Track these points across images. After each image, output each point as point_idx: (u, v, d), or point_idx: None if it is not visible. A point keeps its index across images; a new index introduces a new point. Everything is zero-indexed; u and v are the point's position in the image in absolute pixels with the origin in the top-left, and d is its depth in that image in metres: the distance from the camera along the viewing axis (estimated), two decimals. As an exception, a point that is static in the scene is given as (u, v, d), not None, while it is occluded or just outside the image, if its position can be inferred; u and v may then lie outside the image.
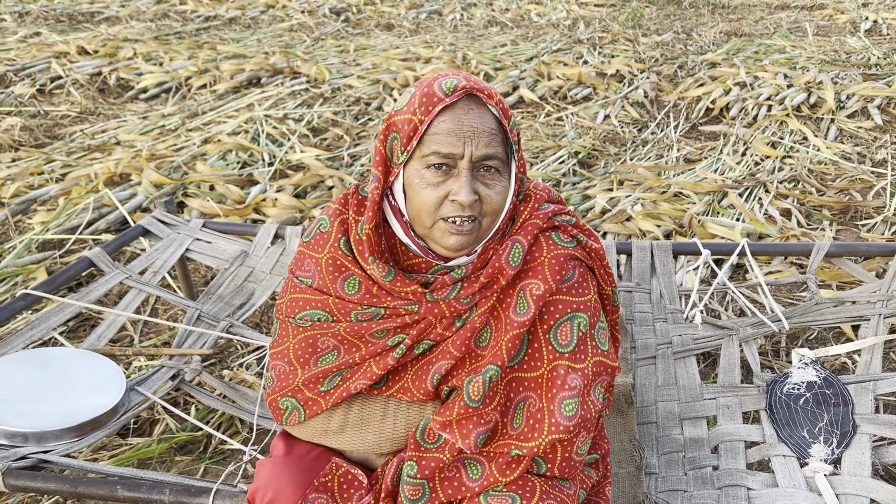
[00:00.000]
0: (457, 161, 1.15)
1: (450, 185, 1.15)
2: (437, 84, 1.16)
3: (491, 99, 1.17)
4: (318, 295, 1.29)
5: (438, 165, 1.15)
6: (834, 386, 1.75)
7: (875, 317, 1.94)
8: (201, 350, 2.03)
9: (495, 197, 1.18)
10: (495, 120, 1.17)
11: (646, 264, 2.24)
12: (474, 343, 1.25)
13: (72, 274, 2.18)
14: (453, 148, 1.13)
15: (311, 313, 1.30)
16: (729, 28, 7.49)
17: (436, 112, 1.14)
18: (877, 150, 4.27)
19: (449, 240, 1.17)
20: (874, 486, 1.48)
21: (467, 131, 1.14)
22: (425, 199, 1.16)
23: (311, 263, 1.31)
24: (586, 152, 4.33)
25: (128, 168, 4.00)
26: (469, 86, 1.15)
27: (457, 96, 1.14)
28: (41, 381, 1.82)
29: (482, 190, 1.16)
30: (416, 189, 1.17)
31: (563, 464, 1.23)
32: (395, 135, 1.18)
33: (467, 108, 1.15)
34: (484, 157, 1.15)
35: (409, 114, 1.16)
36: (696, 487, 1.58)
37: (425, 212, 1.17)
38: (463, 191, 1.13)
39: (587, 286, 1.27)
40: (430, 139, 1.15)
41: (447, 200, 1.15)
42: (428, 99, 1.15)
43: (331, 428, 1.31)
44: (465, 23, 8.32)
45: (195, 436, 2.28)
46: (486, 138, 1.15)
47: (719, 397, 1.82)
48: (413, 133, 1.15)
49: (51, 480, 1.48)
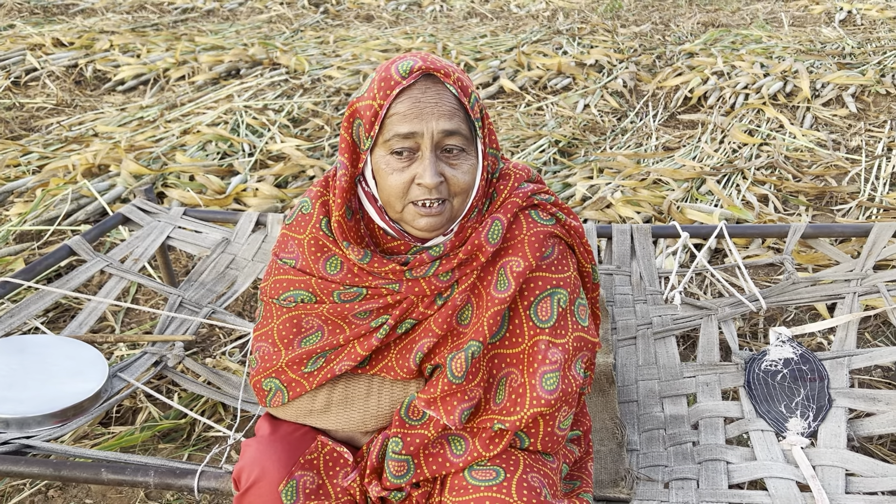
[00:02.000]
0: (419, 143, 1.15)
1: (415, 169, 1.16)
2: (394, 67, 1.16)
3: (448, 77, 1.17)
4: (301, 275, 1.30)
5: (400, 151, 1.16)
6: (810, 362, 1.78)
7: (849, 295, 1.98)
8: (184, 336, 2.02)
9: (462, 177, 1.18)
10: (454, 98, 1.18)
11: (626, 247, 2.27)
12: (456, 321, 1.26)
13: (51, 262, 2.16)
14: (412, 127, 1.14)
15: (295, 294, 1.31)
16: (706, 19, 7.55)
17: (393, 95, 1.15)
18: (851, 137, 4.34)
19: (420, 222, 1.19)
20: (849, 457, 1.51)
21: (425, 109, 1.15)
22: (392, 185, 1.18)
23: (293, 245, 1.32)
24: (566, 141, 4.35)
25: (106, 159, 3.96)
26: (425, 66, 1.16)
27: (413, 78, 1.15)
28: (22, 367, 1.80)
29: (447, 171, 1.17)
30: (383, 175, 1.18)
31: (545, 438, 1.25)
32: (360, 121, 1.19)
33: (424, 88, 1.16)
34: (444, 133, 1.15)
35: (370, 99, 1.17)
36: (676, 462, 1.61)
37: (394, 197, 1.18)
38: (427, 173, 1.14)
39: (567, 263, 1.29)
40: (390, 122, 1.16)
41: (413, 184, 1.17)
42: (385, 83, 1.16)
43: (315, 408, 1.32)
44: (445, 14, 8.31)
45: (178, 423, 2.28)
46: (446, 115, 1.15)
47: (699, 375, 1.85)
48: (374, 118, 1.16)
49: (34, 465, 1.48)
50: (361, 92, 1.20)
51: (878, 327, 2.60)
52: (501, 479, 1.18)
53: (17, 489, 2.10)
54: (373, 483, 1.26)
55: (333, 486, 1.30)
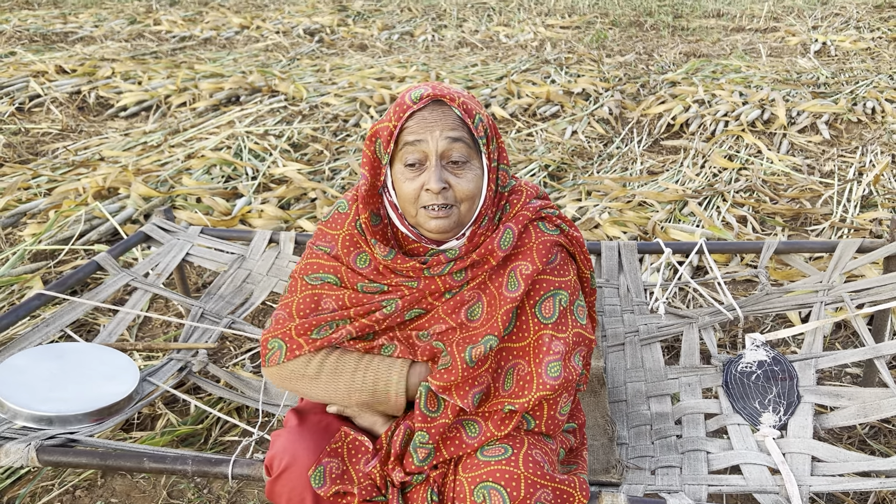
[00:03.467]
0: (426, 154, 1.35)
1: (424, 178, 1.36)
2: (407, 95, 1.38)
3: (453, 101, 1.37)
4: (332, 262, 1.48)
5: (412, 163, 1.36)
6: (781, 363, 1.97)
7: (817, 304, 2.17)
8: (207, 344, 2.18)
9: (465, 185, 1.38)
10: (457, 117, 1.37)
11: (614, 262, 2.45)
12: (466, 317, 1.44)
13: (81, 276, 2.32)
14: (418, 136, 1.35)
15: (324, 276, 1.48)
16: (688, 49, 7.85)
17: (406, 117, 1.36)
18: (824, 162, 4.58)
19: (430, 223, 1.38)
20: (815, 445, 1.69)
21: (430, 125, 1.35)
22: (406, 192, 1.38)
23: (329, 238, 1.50)
24: (556, 165, 4.57)
25: (116, 182, 4.13)
26: (433, 93, 1.37)
27: (423, 103, 1.36)
28: (61, 371, 1.96)
29: (452, 179, 1.37)
30: (399, 184, 1.39)
31: (548, 421, 1.42)
32: (380, 140, 1.40)
33: (431, 109, 1.37)
34: (447, 143, 1.35)
35: (387, 121, 1.38)
36: (662, 453, 1.78)
37: (408, 202, 1.39)
38: (432, 179, 1.34)
39: (568, 268, 1.48)
40: (402, 136, 1.37)
41: (423, 191, 1.36)
42: (400, 108, 1.37)
43: (307, 373, 1.45)
44: (437, 43, 8.57)
45: (196, 429, 2.43)
46: (448, 130, 1.36)
47: (681, 377, 2.03)
48: (390, 137, 1.37)
49: (82, 455, 1.62)
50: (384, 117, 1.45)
51: (848, 338, 2.80)
52: (509, 454, 1.35)
53: (46, 490, 2.24)
54: (396, 469, 1.41)
55: (356, 472, 1.44)
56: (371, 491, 1.42)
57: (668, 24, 9.47)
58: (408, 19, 10.12)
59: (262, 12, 10.45)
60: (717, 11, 10.34)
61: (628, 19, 9.82)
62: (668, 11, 10.40)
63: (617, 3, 11.19)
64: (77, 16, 10.25)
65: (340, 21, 9.79)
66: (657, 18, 9.86)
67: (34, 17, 9.98)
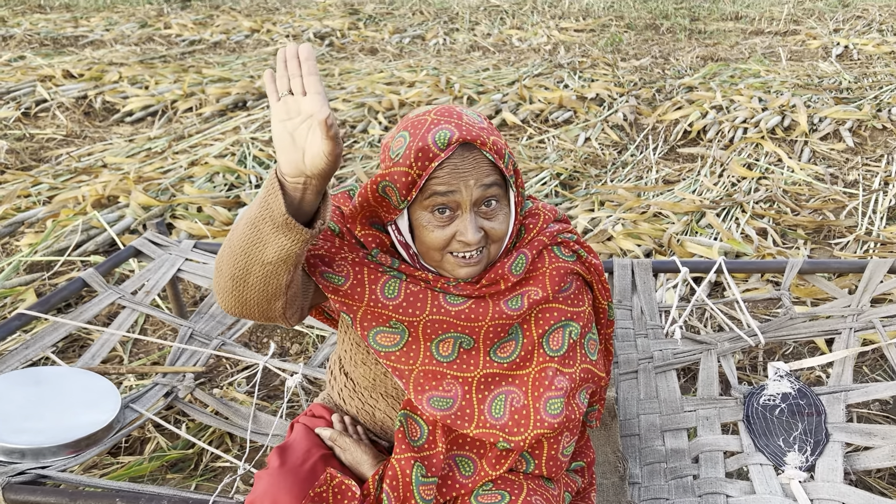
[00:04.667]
0: (458, 203, 1.20)
1: (456, 226, 1.21)
2: (431, 137, 1.18)
3: (485, 146, 1.20)
4: (338, 215, 1.34)
5: (442, 209, 1.20)
6: (808, 397, 1.82)
7: (846, 330, 2.02)
8: (194, 368, 2.07)
9: (499, 227, 1.24)
10: (490, 163, 1.22)
11: (627, 282, 2.31)
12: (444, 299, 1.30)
13: (65, 294, 2.21)
14: (450, 187, 1.18)
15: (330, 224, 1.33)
16: (705, 53, 7.69)
17: (433, 168, 1.18)
18: (848, 171, 4.41)
19: (460, 271, 1.24)
20: (846, 490, 1.55)
21: (463, 174, 1.19)
22: (434, 239, 1.22)
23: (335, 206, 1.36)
24: (568, 174, 4.43)
25: (115, 190, 4.03)
26: (461, 136, 1.19)
27: (452, 150, 1.18)
28: (38, 398, 1.85)
29: (486, 224, 1.22)
30: (425, 231, 1.23)
31: (549, 462, 1.29)
32: (391, 185, 1.21)
33: (462, 157, 1.19)
34: (482, 189, 1.20)
35: (406, 167, 1.18)
36: (677, 496, 1.64)
37: (434, 249, 1.24)
38: (469, 231, 1.19)
39: (582, 298, 1.35)
40: (429, 185, 1.20)
41: (454, 240, 1.22)
42: (423, 154, 1.18)
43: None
44: (448, 47, 8.46)
45: (186, 454, 2.31)
46: (483, 181, 1.20)
47: (699, 409, 1.89)
48: (412, 185, 1.19)
49: (50, 494, 1.51)
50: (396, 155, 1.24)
51: (877, 360, 2.64)
52: (507, 501, 1.22)
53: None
54: None
55: (342, 521, 1.33)
56: (358, 540, 1.30)
57: (684, 27, 9.30)
58: (419, 23, 10.01)
59: (272, 16, 10.39)
60: (735, 14, 10.15)
61: (644, 22, 9.66)
62: (685, 14, 10.23)
63: (633, 6, 11.03)
64: (88, 19, 10.23)
65: (351, 24, 9.70)
66: (674, 21, 9.69)
67: (46, 21, 9.98)
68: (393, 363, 1.30)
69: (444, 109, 1.25)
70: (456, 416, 1.29)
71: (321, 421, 1.52)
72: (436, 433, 1.31)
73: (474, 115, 1.27)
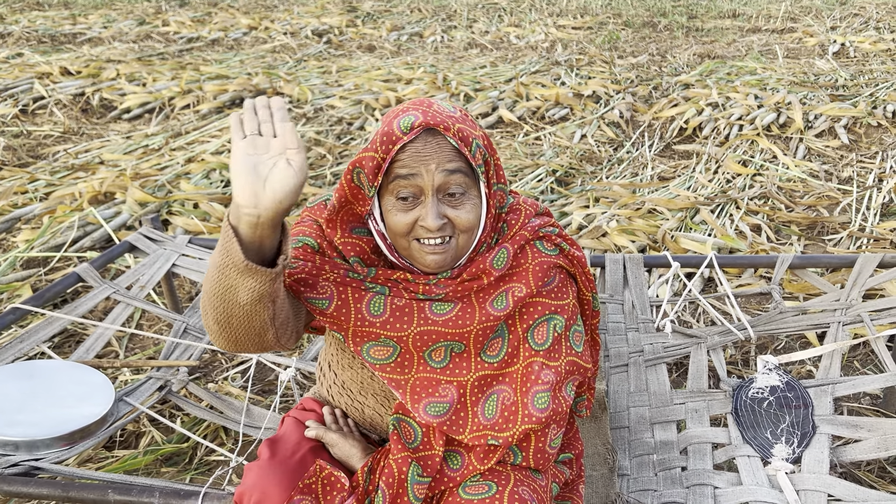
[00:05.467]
0: (421, 188, 1.21)
1: (418, 212, 1.22)
2: (395, 123, 1.22)
3: (448, 131, 1.22)
4: (316, 229, 1.34)
5: (405, 197, 1.22)
6: (795, 390, 1.84)
7: (835, 324, 2.04)
8: (187, 362, 2.08)
9: (465, 216, 1.24)
10: (454, 148, 1.23)
11: (618, 276, 2.33)
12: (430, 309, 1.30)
13: (60, 289, 2.23)
14: (411, 170, 1.20)
15: (302, 239, 1.33)
16: (702, 50, 7.70)
17: (395, 150, 1.21)
18: (843, 168, 4.42)
19: (427, 258, 1.25)
20: (832, 482, 1.56)
21: (425, 158, 1.20)
22: (397, 224, 1.24)
23: (311, 222, 1.36)
24: (564, 171, 4.44)
25: (112, 187, 4.05)
26: (425, 121, 1.21)
27: (414, 133, 1.20)
28: (32, 391, 1.86)
29: (450, 212, 1.23)
30: (389, 216, 1.24)
31: (536, 455, 1.31)
32: (361, 171, 1.24)
33: (425, 141, 1.21)
34: (444, 177, 1.21)
35: (372, 152, 1.22)
36: (665, 487, 1.66)
37: (400, 235, 1.25)
38: (429, 216, 1.20)
39: (566, 291, 1.36)
40: (392, 169, 1.22)
41: (417, 225, 1.23)
42: (388, 138, 1.21)
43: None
44: (446, 45, 8.47)
45: (180, 447, 2.33)
46: (445, 162, 1.21)
47: (688, 402, 1.90)
48: (377, 170, 1.22)
49: (43, 485, 1.53)
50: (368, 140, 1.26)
51: (867, 355, 2.66)
52: (494, 492, 1.24)
53: (21, 511, 2.14)
54: None
55: (330, 511, 1.34)
56: (346, 531, 1.31)
57: (682, 24, 9.31)
58: (417, 20, 10.02)
59: (270, 13, 10.40)
60: (732, 11, 10.16)
61: (641, 20, 9.67)
62: (683, 12, 10.24)
63: (630, 4, 11.04)
64: (87, 17, 10.24)
65: (349, 22, 9.71)
66: (671, 19, 9.70)
67: (44, 18, 9.98)
68: (388, 374, 1.32)
69: (417, 100, 1.28)
70: (451, 421, 1.30)
71: (312, 414, 1.53)
72: (431, 435, 1.32)
73: (447, 106, 1.28)
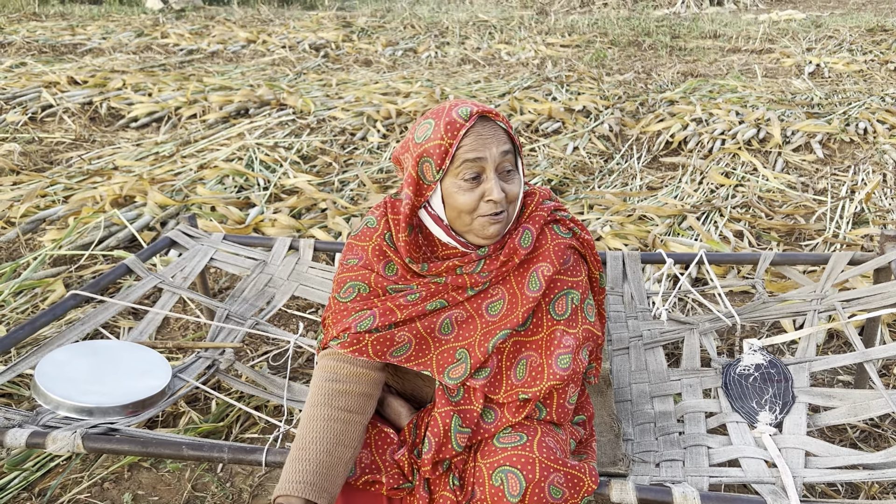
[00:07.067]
0: (484, 168, 1.48)
1: (482, 188, 1.48)
2: (454, 112, 1.48)
3: (497, 117, 1.51)
4: (362, 270, 1.60)
5: (471, 177, 1.48)
6: (777, 367, 2.09)
7: (811, 312, 2.30)
8: (233, 344, 2.30)
9: (515, 189, 1.52)
10: (504, 131, 1.52)
11: (618, 271, 2.58)
12: (486, 311, 1.56)
13: (113, 278, 2.44)
14: (478, 153, 1.47)
15: (354, 284, 1.60)
16: (685, 69, 8.03)
17: (461, 135, 1.47)
18: (818, 180, 4.74)
19: (489, 229, 1.50)
20: (808, 441, 1.82)
21: (487, 141, 1.48)
22: (465, 202, 1.49)
23: (359, 249, 1.62)
24: (558, 180, 4.71)
25: (132, 191, 4.25)
26: (479, 109, 1.49)
27: (473, 120, 1.48)
28: (98, 366, 2.07)
29: (505, 187, 1.50)
30: (456, 196, 1.49)
31: (558, 409, 1.55)
32: (428, 159, 1.49)
33: (483, 125, 1.49)
34: (502, 155, 1.48)
35: (438, 140, 1.48)
36: (665, 448, 1.90)
37: (465, 212, 1.50)
38: (496, 191, 1.47)
39: (579, 269, 1.61)
40: (460, 154, 1.48)
41: (482, 202, 1.48)
42: (451, 126, 1.47)
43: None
44: (440, 60, 8.74)
45: (217, 426, 2.54)
46: (501, 144, 1.49)
47: (683, 378, 2.15)
48: (445, 154, 1.47)
49: (125, 442, 1.73)
50: (424, 136, 1.52)
51: (840, 347, 2.93)
52: (524, 440, 1.47)
53: (75, 482, 2.34)
54: (426, 460, 1.50)
55: (383, 461, 1.56)
56: (398, 479, 1.53)
57: (666, 44, 9.67)
58: (411, 36, 10.30)
59: (267, 27, 10.63)
60: (713, 32, 10.55)
61: (627, 39, 10.02)
62: (666, 32, 10.61)
63: (616, 24, 11.40)
64: (85, 28, 10.40)
65: (345, 37, 9.96)
66: (655, 39, 10.06)
67: (42, 29, 10.13)
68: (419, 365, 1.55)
69: (456, 100, 1.55)
70: (490, 383, 1.54)
71: None
72: (471, 392, 1.54)
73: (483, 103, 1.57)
